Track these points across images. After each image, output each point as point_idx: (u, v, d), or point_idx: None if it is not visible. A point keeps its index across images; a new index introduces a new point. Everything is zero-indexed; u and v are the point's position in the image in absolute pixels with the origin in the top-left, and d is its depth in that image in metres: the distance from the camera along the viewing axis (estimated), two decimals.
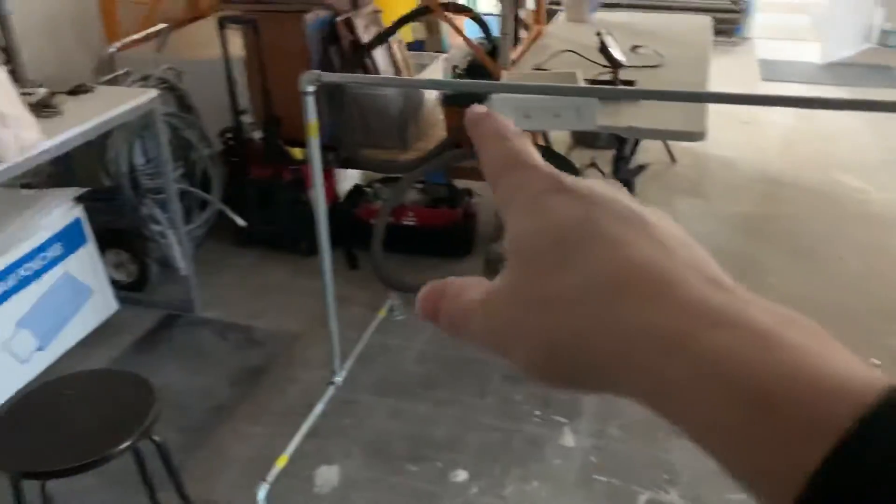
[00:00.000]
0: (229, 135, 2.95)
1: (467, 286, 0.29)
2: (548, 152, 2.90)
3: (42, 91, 2.25)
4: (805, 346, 0.21)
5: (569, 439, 2.12)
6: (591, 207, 0.26)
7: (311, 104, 1.81)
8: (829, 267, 2.95)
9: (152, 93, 2.44)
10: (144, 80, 2.74)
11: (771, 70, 5.31)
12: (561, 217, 0.26)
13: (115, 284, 2.69)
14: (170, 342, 2.55)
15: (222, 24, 2.68)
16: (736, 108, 4.49)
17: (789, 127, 4.32)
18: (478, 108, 0.31)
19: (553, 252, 0.26)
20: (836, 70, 5.29)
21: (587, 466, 2.03)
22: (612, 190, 0.27)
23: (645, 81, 2.60)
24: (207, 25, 3.18)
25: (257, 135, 2.94)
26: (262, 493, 1.87)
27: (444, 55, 3.69)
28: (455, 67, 3.52)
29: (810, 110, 4.47)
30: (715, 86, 4.74)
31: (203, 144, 2.90)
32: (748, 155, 3.97)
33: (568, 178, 0.28)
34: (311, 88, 1.79)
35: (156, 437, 1.47)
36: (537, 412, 2.22)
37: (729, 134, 4.20)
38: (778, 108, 4.56)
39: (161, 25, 3.03)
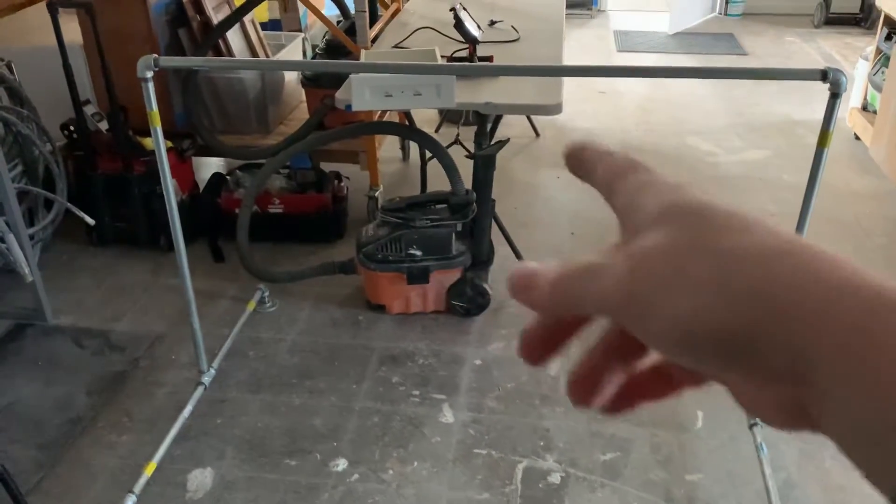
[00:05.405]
0: (71, 128, 2.74)
1: (573, 260, 0.29)
2: (413, 131, 2.89)
3: None
4: None
5: (447, 416, 2.14)
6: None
7: (150, 91, 1.71)
8: None
9: None
10: None
11: (625, 41, 5.51)
12: (709, 197, 0.28)
13: None
14: (19, 354, 2.36)
15: (52, 8, 2.48)
16: (593, 79, 4.64)
17: (644, 95, 4.51)
18: (574, 144, 0.34)
19: (722, 218, 0.26)
20: (684, 39, 5.57)
21: (466, 441, 2.05)
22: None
23: (502, 56, 2.62)
24: (43, 11, 2.93)
25: (103, 126, 2.76)
26: None
27: (302, 34, 3.59)
28: (315, 47, 3.44)
29: (663, 79, 4.68)
30: (573, 58, 4.89)
31: (43, 140, 2.69)
32: (607, 124, 4.12)
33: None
34: (148, 74, 1.68)
35: None
36: (415, 392, 2.22)
37: (588, 105, 4.34)
38: (633, 77, 4.74)
39: None
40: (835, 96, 1.58)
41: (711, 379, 0.28)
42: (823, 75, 1.56)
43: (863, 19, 5.70)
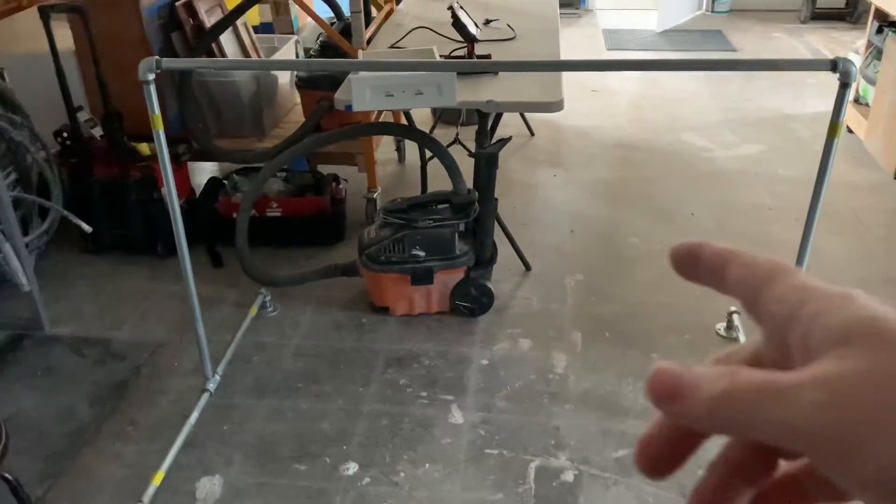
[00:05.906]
0: (65, 134, 2.70)
1: (733, 369, 0.25)
2: (413, 131, 2.87)
3: None
4: None
5: (457, 416, 2.12)
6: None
7: (152, 94, 1.68)
8: (684, 224, 3.11)
9: None
10: None
11: (614, 39, 5.52)
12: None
13: None
14: (18, 365, 2.32)
15: (44, 13, 2.44)
16: (585, 78, 4.64)
17: (636, 93, 4.51)
18: (686, 245, 0.30)
19: None
20: (672, 36, 5.58)
21: (476, 441, 2.03)
22: None
23: (500, 55, 2.61)
24: (35, 17, 2.89)
25: (97, 132, 2.72)
26: None
27: (295, 37, 3.56)
28: (308, 50, 3.41)
29: (654, 76, 4.69)
30: (564, 56, 4.87)
31: (36, 146, 2.65)
32: (601, 123, 4.11)
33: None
34: (150, 77, 1.66)
35: (6, 474, 1.32)
36: (423, 393, 2.20)
37: (581, 104, 4.33)
38: (625, 75, 4.75)
39: None
40: (844, 86, 1.58)
41: None
42: (833, 65, 1.56)
43: (848, 14, 5.74)
